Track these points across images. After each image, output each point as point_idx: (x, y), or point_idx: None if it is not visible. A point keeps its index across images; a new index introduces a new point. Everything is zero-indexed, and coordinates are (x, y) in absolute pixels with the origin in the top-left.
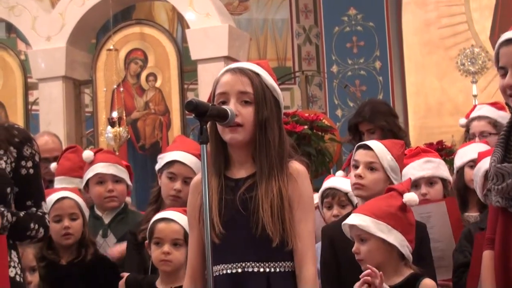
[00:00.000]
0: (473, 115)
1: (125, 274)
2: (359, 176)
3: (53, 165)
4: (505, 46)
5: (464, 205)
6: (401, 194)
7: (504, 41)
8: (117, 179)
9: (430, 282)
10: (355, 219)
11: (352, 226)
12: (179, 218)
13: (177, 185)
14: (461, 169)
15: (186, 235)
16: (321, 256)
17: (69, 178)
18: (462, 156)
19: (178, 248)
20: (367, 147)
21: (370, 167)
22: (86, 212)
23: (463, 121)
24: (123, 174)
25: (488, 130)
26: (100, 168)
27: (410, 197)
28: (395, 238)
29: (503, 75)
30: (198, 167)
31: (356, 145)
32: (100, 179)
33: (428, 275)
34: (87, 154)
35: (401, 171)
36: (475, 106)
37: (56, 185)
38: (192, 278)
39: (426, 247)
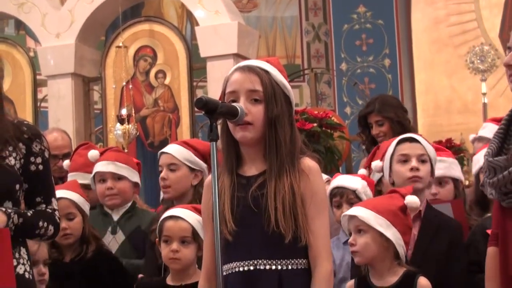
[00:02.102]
0: (478, 133)
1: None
2: (416, 169)
3: (66, 163)
4: None
5: (484, 208)
6: (403, 196)
7: None
8: (118, 177)
9: (425, 282)
10: (356, 210)
11: (352, 218)
12: (187, 215)
13: (162, 173)
14: (477, 176)
15: (194, 232)
16: None
17: (82, 174)
18: (475, 163)
19: (187, 245)
20: (413, 140)
21: (421, 159)
22: (86, 206)
23: (471, 137)
24: (124, 171)
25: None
26: (100, 166)
27: (412, 199)
28: (392, 234)
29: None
30: (181, 152)
31: (399, 139)
32: (101, 177)
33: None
34: (92, 153)
35: None
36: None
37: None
38: (207, 277)
39: (456, 247)
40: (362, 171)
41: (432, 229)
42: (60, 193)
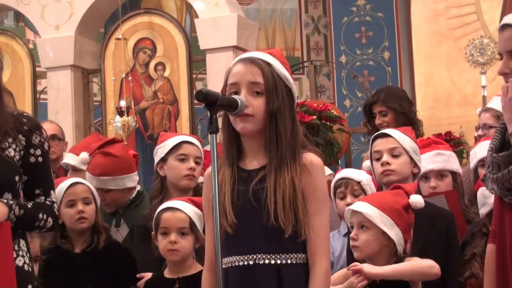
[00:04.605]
0: (486, 105)
1: (144, 275)
2: (386, 163)
3: (83, 155)
4: (501, 31)
5: None
6: (407, 194)
7: (500, 27)
8: (105, 190)
9: None
10: (362, 206)
11: (356, 213)
12: (184, 207)
13: (191, 163)
14: (475, 170)
15: (192, 223)
16: None
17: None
18: (473, 157)
19: (185, 236)
20: (385, 135)
21: (394, 153)
22: (98, 200)
23: (478, 111)
24: (109, 183)
25: (490, 123)
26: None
27: (417, 199)
28: (395, 233)
29: (501, 60)
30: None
31: (372, 137)
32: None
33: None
34: (83, 156)
35: None
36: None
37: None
38: (211, 269)
39: (453, 237)
40: (367, 163)
41: (427, 221)
42: (77, 179)
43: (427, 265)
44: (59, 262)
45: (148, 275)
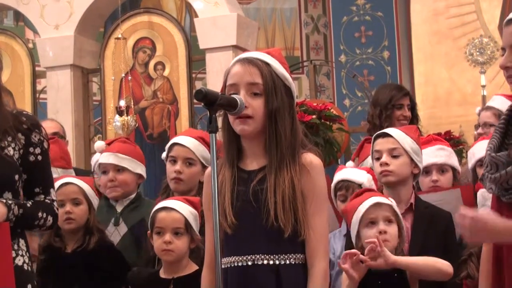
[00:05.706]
0: (486, 104)
1: None
2: (385, 164)
3: (100, 143)
4: (506, 26)
5: None
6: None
7: (506, 21)
8: (118, 168)
9: None
10: (388, 200)
11: (380, 205)
12: (180, 207)
13: (177, 166)
14: (473, 170)
15: (187, 224)
16: None
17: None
18: (471, 157)
19: (180, 237)
20: (386, 135)
21: (393, 154)
22: (95, 200)
23: (478, 110)
24: (125, 162)
25: (491, 121)
26: (102, 158)
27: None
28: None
29: (503, 55)
30: (198, 148)
31: (374, 136)
32: (104, 168)
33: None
34: (98, 144)
35: None
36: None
37: None
38: (210, 268)
39: (451, 237)
40: (350, 163)
41: (425, 221)
42: (70, 179)
43: (444, 263)
44: (51, 261)
45: None
